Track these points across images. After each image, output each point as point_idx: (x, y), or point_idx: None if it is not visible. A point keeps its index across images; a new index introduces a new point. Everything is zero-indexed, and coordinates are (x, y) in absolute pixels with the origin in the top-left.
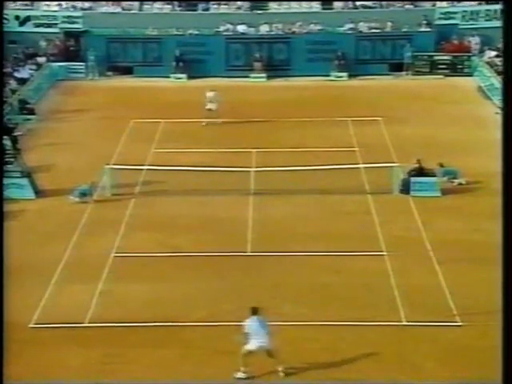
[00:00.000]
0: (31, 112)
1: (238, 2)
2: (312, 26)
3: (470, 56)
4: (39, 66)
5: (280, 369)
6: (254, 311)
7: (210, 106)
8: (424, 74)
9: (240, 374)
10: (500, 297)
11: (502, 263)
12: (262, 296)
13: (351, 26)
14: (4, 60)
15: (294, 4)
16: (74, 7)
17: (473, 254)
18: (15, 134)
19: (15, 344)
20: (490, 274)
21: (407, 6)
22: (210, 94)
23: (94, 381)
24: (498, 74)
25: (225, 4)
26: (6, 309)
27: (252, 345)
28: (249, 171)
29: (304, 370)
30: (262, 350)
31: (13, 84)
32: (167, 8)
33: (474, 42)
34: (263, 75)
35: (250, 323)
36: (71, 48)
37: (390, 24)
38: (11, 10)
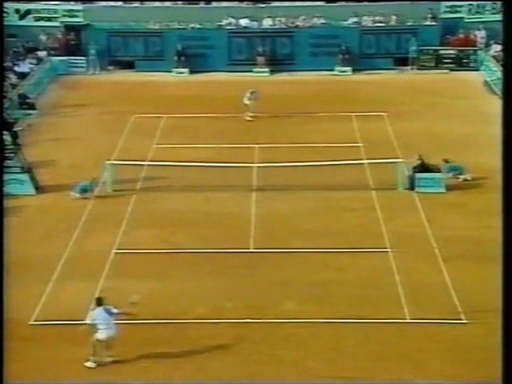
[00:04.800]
0: (31, 107)
1: None
2: (315, 19)
3: (475, 50)
4: (39, 60)
5: (110, 360)
6: (99, 302)
7: (246, 101)
8: (429, 68)
9: (89, 363)
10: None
11: (502, 261)
12: (265, 293)
13: (355, 19)
14: (4, 54)
15: None
16: (75, 0)
17: (478, 250)
18: (15, 129)
19: (15, 341)
20: (496, 271)
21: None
22: (248, 94)
23: (93, 379)
24: None
25: None
26: (6, 306)
27: (101, 334)
28: (251, 167)
29: (307, 368)
30: (110, 339)
31: (13, 78)
32: (169, 1)
33: (480, 35)
34: (266, 70)
35: (98, 314)
36: (72, 42)
37: (394, 18)
38: (11, 4)
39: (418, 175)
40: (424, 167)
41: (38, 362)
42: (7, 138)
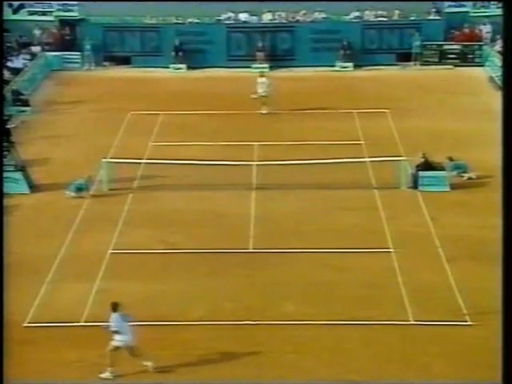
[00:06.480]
0: (25, 103)
1: None
2: (316, 14)
3: (481, 45)
4: (33, 55)
5: (149, 364)
6: (115, 307)
7: (261, 91)
8: (433, 64)
9: (106, 374)
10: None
11: (502, 261)
12: (265, 294)
13: (357, 14)
14: (3, 53)
15: None
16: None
17: (483, 250)
18: (9, 126)
19: (9, 343)
20: (501, 271)
21: None
22: (261, 80)
23: (91, 381)
24: None
25: None
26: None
27: (117, 342)
28: (251, 165)
29: (307, 371)
30: (125, 348)
31: (6, 74)
32: None
33: (486, 30)
34: (266, 65)
35: (113, 320)
36: (67, 37)
37: (397, 12)
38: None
39: (421, 173)
40: (427, 165)
41: (33, 365)
42: None
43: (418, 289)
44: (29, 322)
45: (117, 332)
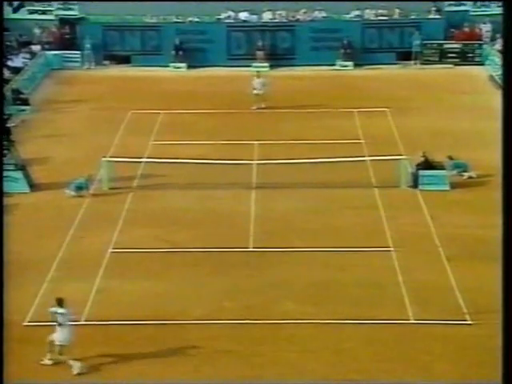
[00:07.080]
0: (25, 102)
1: None
2: (317, 13)
3: (481, 44)
4: (33, 54)
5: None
6: (61, 303)
7: (256, 91)
8: (433, 63)
9: (46, 361)
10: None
11: (502, 259)
12: (265, 293)
13: (357, 13)
14: (3, 53)
15: None
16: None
17: (483, 249)
18: (9, 125)
19: (9, 342)
20: (501, 270)
21: None
22: (257, 81)
23: (90, 381)
24: None
25: None
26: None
27: (56, 337)
28: (251, 164)
29: (308, 371)
30: (59, 345)
31: (6, 73)
32: None
33: (486, 29)
34: (266, 64)
35: (62, 314)
36: (66, 36)
37: (397, 11)
38: None
39: (421, 172)
40: (428, 164)
41: (33, 364)
42: None
43: (418, 288)
44: (29, 321)
45: (61, 325)
